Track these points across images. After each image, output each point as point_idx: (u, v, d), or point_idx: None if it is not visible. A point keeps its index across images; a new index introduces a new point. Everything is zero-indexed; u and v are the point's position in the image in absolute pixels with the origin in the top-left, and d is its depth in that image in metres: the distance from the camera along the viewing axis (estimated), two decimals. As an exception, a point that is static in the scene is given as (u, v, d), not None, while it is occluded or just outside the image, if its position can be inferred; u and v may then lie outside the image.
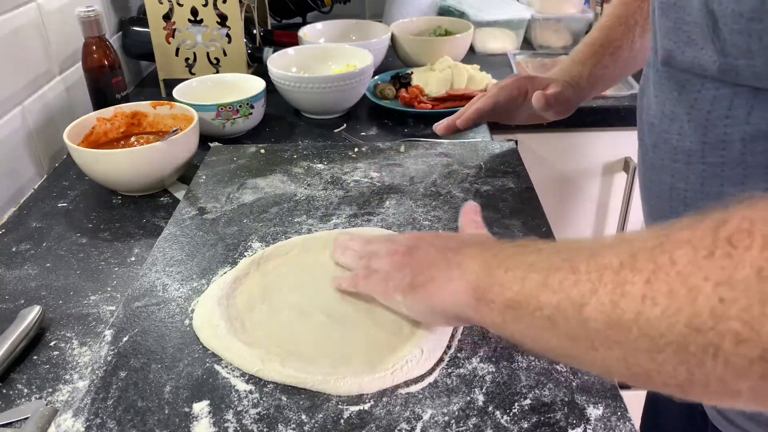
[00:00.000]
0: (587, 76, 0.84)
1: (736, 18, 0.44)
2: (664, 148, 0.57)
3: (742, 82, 0.47)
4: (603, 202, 1.34)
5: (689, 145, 0.53)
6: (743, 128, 0.48)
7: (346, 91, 1.07)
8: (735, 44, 0.46)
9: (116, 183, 0.87)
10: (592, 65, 0.84)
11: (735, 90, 0.48)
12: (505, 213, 0.74)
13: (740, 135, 0.49)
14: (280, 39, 1.35)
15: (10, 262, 0.75)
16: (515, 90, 0.86)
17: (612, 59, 0.84)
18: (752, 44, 0.44)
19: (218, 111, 0.99)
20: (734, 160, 0.50)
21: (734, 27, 0.45)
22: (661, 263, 0.34)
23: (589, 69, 0.84)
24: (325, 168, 0.87)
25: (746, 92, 0.48)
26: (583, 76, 0.84)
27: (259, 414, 0.49)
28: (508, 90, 0.87)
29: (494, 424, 0.48)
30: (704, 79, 0.51)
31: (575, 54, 0.87)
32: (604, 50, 0.84)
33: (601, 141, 1.25)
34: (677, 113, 0.55)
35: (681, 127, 0.54)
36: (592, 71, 0.84)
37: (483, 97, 0.89)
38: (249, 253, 0.69)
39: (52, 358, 0.60)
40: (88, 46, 1.01)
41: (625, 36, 0.82)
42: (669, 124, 0.56)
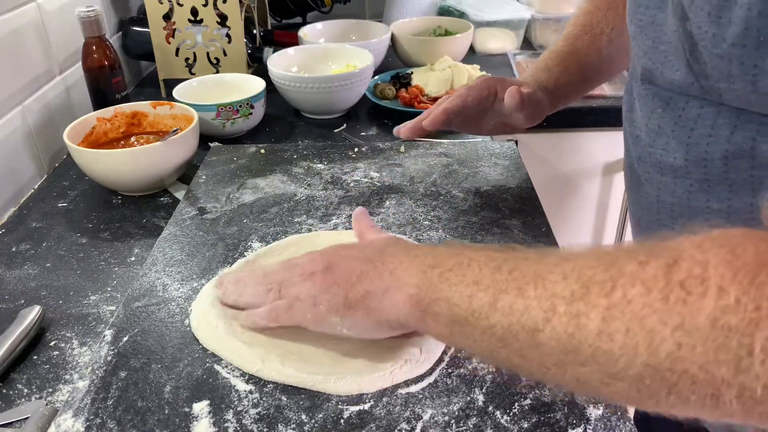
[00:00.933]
0: (554, 82, 0.82)
1: (717, 42, 0.44)
2: (650, 161, 0.57)
3: (727, 103, 0.47)
4: (603, 202, 1.34)
5: (674, 161, 0.53)
6: (725, 146, 0.48)
7: (346, 91, 1.07)
8: (716, 68, 0.45)
9: (116, 183, 0.87)
10: (559, 72, 0.82)
11: (719, 108, 0.48)
12: (505, 213, 0.74)
13: (721, 153, 0.48)
14: (280, 39, 1.35)
15: (10, 262, 0.75)
16: (485, 90, 0.83)
17: (578, 68, 0.82)
18: (733, 69, 0.44)
19: (218, 111, 0.99)
20: (718, 177, 0.50)
21: (714, 51, 0.44)
22: (615, 300, 0.35)
23: (556, 76, 0.82)
24: (325, 168, 0.87)
25: (729, 111, 0.47)
26: (551, 82, 0.82)
27: (259, 414, 0.49)
28: (477, 90, 0.83)
29: (494, 424, 0.48)
30: (688, 97, 0.51)
31: (541, 62, 0.84)
32: (570, 58, 0.82)
33: (601, 141, 1.25)
34: (663, 128, 0.54)
35: (666, 142, 0.54)
36: (560, 78, 0.82)
37: (451, 97, 0.86)
38: (249, 253, 0.69)
39: (52, 358, 0.60)
40: (88, 46, 1.01)
41: (591, 45, 0.81)
42: (654, 138, 0.55)
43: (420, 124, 0.88)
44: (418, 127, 0.89)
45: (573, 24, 0.84)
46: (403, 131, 0.91)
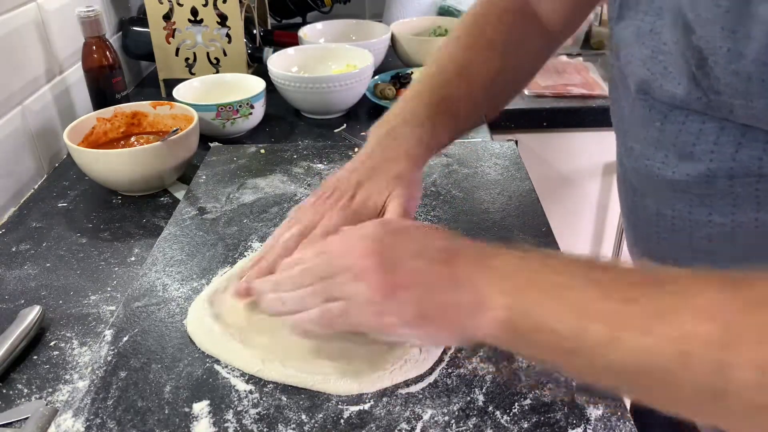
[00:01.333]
0: (428, 139, 0.64)
1: (734, 58, 0.41)
2: (646, 174, 0.54)
3: (735, 119, 0.44)
4: (603, 202, 1.35)
5: (673, 175, 0.51)
6: (729, 164, 0.46)
7: (346, 91, 1.07)
8: (730, 84, 0.43)
9: (116, 183, 0.87)
10: (431, 127, 0.64)
11: (722, 124, 0.46)
12: (505, 213, 0.74)
13: (726, 171, 0.46)
14: (280, 39, 1.35)
15: (10, 262, 0.75)
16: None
17: (454, 121, 0.66)
18: (752, 86, 0.41)
19: (218, 111, 0.99)
20: (722, 192, 0.48)
21: (730, 67, 0.42)
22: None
23: (429, 132, 0.64)
24: (325, 168, 0.87)
25: (734, 127, 0.45)
26: (424, 140, 0.64)
27: (259, 414, 0.49)
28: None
29: (494, 424, 0.48)
30: (688, 111, 0.48)
31: (410, 107, 0.65)
32: (446, 108, 0.65)
33: (601, 141, 1.25)
34: (661, 142, 0.51)
35: (666, 156, 0.51)
36: (433, 134, 0.64)
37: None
38: (249, 253, 0.69)
39: (52, 358, 0.60)
40: (88, 46, 1.01)
41: (467, 95, 0.66)
42: (653, 152, 0.53)
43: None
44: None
45: (449, 57, 0.68)
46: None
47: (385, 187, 0.60)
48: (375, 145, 0.63)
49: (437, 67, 0.67)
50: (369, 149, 0.63)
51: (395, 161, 0.61)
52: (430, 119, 0.63)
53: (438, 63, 0.67)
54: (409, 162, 0.62)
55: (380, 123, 0.65)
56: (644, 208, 0.56)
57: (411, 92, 0.66)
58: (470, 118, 0.69)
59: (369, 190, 0.60)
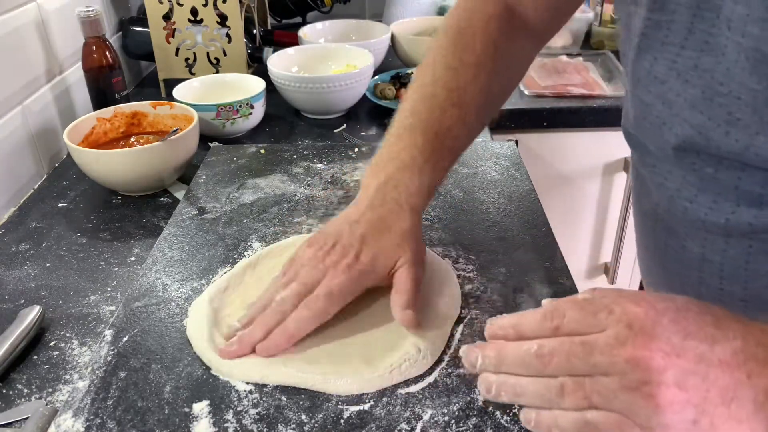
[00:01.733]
0: (428, 186, 0.60)
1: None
2: (684, 215, 0.49)
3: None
4: (603, 202, 1.35)
5: (727, 223, 0.46)
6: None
7: (346, 91, 1.07)
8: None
9: (116, 183, 0.87)
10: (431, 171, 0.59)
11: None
12: (505, 213, 0.74)
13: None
14: (280, 39, 1.35)
15: (10, 262, 0.75)
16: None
17: (450, 154, 0.62)
18: None
19: (218, 111, 0.99)
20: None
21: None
22: None
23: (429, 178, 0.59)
24: (325, 168, 0.87)
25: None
26: (424, 189, 0.59)
27: (259, 414, 0.49)
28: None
29: (494, 424, 0.48)
30: (744, 164, 0.43)
31: (405, 156, 0.59)
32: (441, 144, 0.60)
33: (601, 141, 1.25)
34: (710, 187, 0.46)
35: (715, 202, 0.46)
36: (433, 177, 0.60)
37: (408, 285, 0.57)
38: (249, 253, 0.69)
39: (52, 358, 0.60)
40: (88, 46, 1.01)
41: (460, 121, 0.61)
42: (695, 194, 0.47)
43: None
44: None
45: (432, 80, 0.62)
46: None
47: (394, 249, 0.56)
48: (374, 194, 0.58)
49: (426, 93, 0.62)
50: (368, 199, 0.58)
51: (399, 216, 0.57)
52: (428, 161, 0.59)
53: (426, 88, 0.63)
54: (413, 216, 0.58)
55: (376, 167, 0.60)
56: (682, 251, 0.51)
57: (403, 127, 0.61)
58: (465, 145, 0.65)
59: (375, 249, 0.55)
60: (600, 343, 0.36)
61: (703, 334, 0.35)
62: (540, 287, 0.62)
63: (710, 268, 0.50)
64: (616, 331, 0.36)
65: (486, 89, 0.63)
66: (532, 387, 0.39)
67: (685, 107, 0.46)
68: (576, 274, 0.91)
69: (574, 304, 0.39)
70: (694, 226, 0.49)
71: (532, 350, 0.38)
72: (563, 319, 0.38)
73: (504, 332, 0.41)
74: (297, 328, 0.53)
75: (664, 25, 0.47)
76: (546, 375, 0.38)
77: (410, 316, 0.54)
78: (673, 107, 0.48)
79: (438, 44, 0.65)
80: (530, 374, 0.39)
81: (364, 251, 0.55)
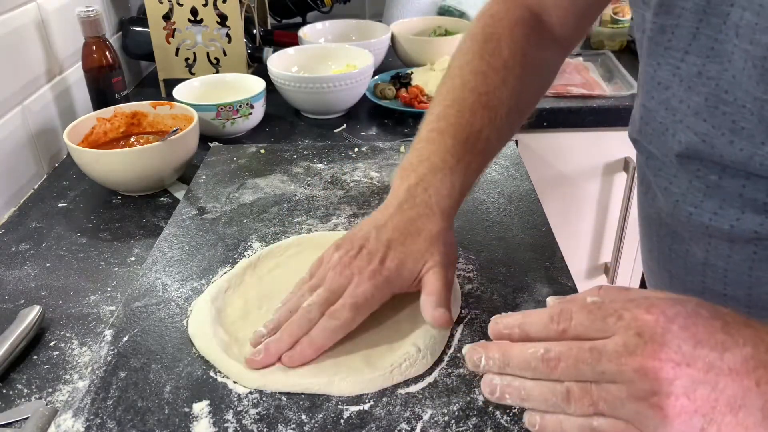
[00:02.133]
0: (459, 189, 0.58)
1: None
2: (689, 221, 0.48)
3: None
4: (603, 202, 1.34)
5: (732, 229, 0.45)
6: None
7: (346, 91, 1.07)
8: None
9: (116, 183, 0.87)
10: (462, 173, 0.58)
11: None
12: (505, 213, 0.74)
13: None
14: (280, 39, 1.35)
15: (10, 262, 0.75)
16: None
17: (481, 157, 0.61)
18: None
19: (218, 111, 0.99)
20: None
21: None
22: None
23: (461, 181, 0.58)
24: (325, 168, 0.87)
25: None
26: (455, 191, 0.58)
27: (259, 414, 0.49)
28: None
29: (494, 424, 0.48)
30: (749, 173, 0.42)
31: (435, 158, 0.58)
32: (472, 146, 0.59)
33: (601, 141, 1.25)
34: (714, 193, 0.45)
35: (720, 207, 0.46)
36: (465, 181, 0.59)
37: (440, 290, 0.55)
38: (249, 253, 0.69)
39: (52, 358, 0.60)
40: (88, 46, 1.01)
41: (491, 124, 0.60)
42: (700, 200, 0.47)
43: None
44: None
45: (461, 83, 0.61)
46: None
47: (422, 253, 0.54)
48: (404, 197, 0.57)
49: (455, 97, 0.61)
50: (397, 201, 0.57)
51: (429, 218, 0.56)
52: (460, 163, 0.58)
53: (455, 93, 0.61)
54: (444, 220, 0.56)
55: (405, 170, 0.59)
56: (686, 255, 0.51)
57: (432, 131, 0.60)
58: (496, 149, 0.63)
59: (402, 254, 0.54)
60: (608, 350, 0.36)
61: (713, 341, 0.35)
62: (540, 287, 0.62)
63: (714, 273, 0.49)
64: (625, 339, 0.35)
65: (515, 93, 0.62)
66: (538, 390, 0.38)
67: (688, 114, 0.46)
68: (576, 274, 0.91)
69: (582, 308, 0.38)
70: (698, 231, 0.49)
71: (539, 353, 0.38)
72: (570, 322, 0.38)
73: (509, 331, 0.41)
74: (323, 338, 0.52)
75: (668, 30, 0.46)
76: (552, 379, 0.38)
77: (443, 313, 0.52)
78: (676, 114, 0.47)
79: (464, 50, 0.64)
80: (536, 377, 0.38)
81: (390, 256, 0.54)
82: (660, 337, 0.35)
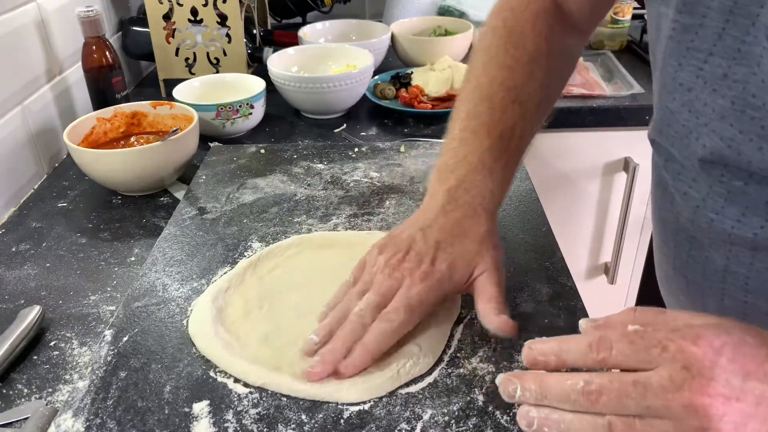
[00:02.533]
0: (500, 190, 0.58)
1: None
2: (709, 227, 0.47)
3: None
4: (603, 202, 1.34)
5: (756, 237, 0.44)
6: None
7: (346, 91, 1.07)
8: None
9: (116, 183, 0.87)
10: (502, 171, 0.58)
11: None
12: (506, 213, 0.74)
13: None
14: (280, 39, 1.35)
15: (10, 262, 0.75)
16: None
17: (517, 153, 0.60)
18: None
19: (218, 111, 0.99)
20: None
21: None
22: None
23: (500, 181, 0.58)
24: (325, 168, 0.87)
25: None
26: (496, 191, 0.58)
27: (259, 414, 0.49)
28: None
29: (494, 424, 0.48)
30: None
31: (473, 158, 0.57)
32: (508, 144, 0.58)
33: (601, 141, 1.25)
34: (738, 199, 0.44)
35: (743, 215, 0.44)
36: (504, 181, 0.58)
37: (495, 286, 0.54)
38: (249, 253, 0.69)
39: (52, 358, 0.60)
40: (88, 46, 1.01)
41: (522, 119, 0.59)
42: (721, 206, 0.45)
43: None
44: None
45: (488, 80, 0.60)
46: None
47: (472, 255, 0.53)
48: (446, 198, 0.56)
49: (484, 94, 0.60)
50: (438, 203, 0.56)
51: (475, 220, 0.55)
52: (498, 162, 0.57)
53: (483, 90, 0.60)
54: (489, 220, 0.55)
55: (442, 170, 0.58)
56: (704, 261, 0.50)
57: (465, 130, 0.59)
58: (528, 143, 0.62)
59: (451, 255, 0.53)
60: (654, 384, 0.35)
61: (762, 372, 0.34)
62: (540, 287, 0.62)
63: (735, 280, 0.48)
64: (671, 372, 0.34)
65: (543, 85, 0.61)
66: (578, 424, 0.37)
67: (713, 118, 0.44)
68: (576, 274, 0.91)
69: (623, 336, 0.37)
70: (719, 238, 0.47)
71: (578, 386, 0.37)
72: (611, 351, 0.37)
73: (545, 359, 0.40)
74: (378, 342, 0.51)
75: (691, 30, 0.45)
76: (592, 412, 0.37)
77: (506, 321, 0.51)
78: (700, 117, 0.46)
79: (487, 45, 0.63)
80: (575, 410, 0.37)
81: (439, 257, 0.53)
82: (708, 371, 0.34)
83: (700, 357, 0.34)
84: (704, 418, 0.33)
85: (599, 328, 0.39)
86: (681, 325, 0.37)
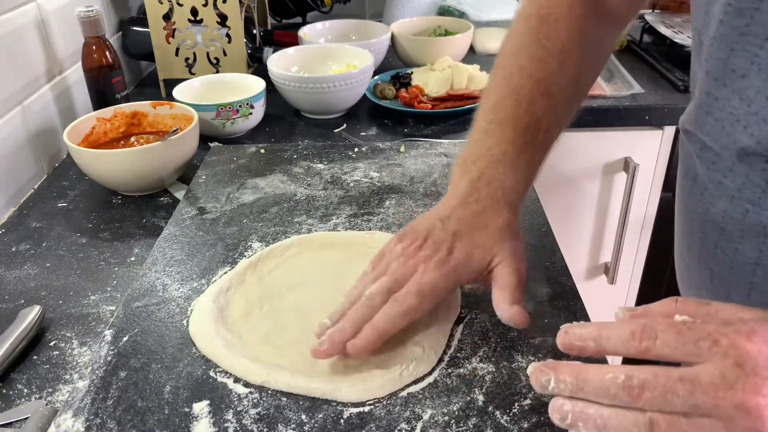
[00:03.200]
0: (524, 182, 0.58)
1: None
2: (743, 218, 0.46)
3: None
4: (603, 202, 1.34)
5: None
6: None
7: (346, 91, 1.07)
8: None
9: (116, 183, 0.87)
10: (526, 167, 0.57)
11: None
12: (505, 213, 0.74)
13: None
14: (280, 39, 1.35)
15: (10, 262, 0.75)
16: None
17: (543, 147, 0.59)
18: None
19: (218, 111, 0.99)
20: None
21: None
22: None
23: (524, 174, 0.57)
24: (325, 168, 0.87)
25: None
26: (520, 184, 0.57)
27: (259, 414, 0.49)
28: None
29: (494, 424, 0.48)
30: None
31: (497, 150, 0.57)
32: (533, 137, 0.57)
33: (601, 141, 1.25)
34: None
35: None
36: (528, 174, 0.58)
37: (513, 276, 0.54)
38: (249, 253, 0.69)
39: (52, 358, 0.60)
40: (88, 46, 1.01)
41: (550, 111, 0.58)
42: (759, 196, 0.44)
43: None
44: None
45: (517, 70, 0.59)
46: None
47: (490, 245, 0.53)
48: (468, 190, 0.55)
49: (512, 85, 0.58)
50: (460, 195, 0.56)
51: (496, 212, 0.54)
52: (522, 155, 0.56)
53: (510, 80, 0.59)
54: (511, 213, 0.54)
55: (465, 161, 0.57)
56: (734, 254, 0.48)
57: (490, 122, 0.58)
58: (556, 136, 0.60)
59: (470, 245, 0.52)
60: (703, 381, 0.33)
61: None
62: (540, 287, 0.62)
63: (765, 273, 0.46)
64: (722, 369, 0.33)
65: (574, 78, 0.59)
66: (617, 420, 0.35)
67: (765, 106, 0.42)
68: (576, 274, 0.91)
69: (670, 326, 0.35)
70: (753, 230, 0.45)
71: (619, 380, 0.35)
72: (654, 340, 0.35)
73: (582, 344, 0.38)
74: (386, 323, 0.51)
75: (746, 13, 0.42)
76: (633, 407, 0.35)
77: (519, 311, 0.50)
78: (752, 105, 0.43)
79: (518, 33, 0.61)
80: (614, 404, 0.35)
81: (457, 247, 0.53)
82: (763, 370, 0.32)
83: (754, 354, 0.32)
84: (758, 419, 0.31)
85: (639, 317, 0.37)
86: (733, 319, 0.35)
